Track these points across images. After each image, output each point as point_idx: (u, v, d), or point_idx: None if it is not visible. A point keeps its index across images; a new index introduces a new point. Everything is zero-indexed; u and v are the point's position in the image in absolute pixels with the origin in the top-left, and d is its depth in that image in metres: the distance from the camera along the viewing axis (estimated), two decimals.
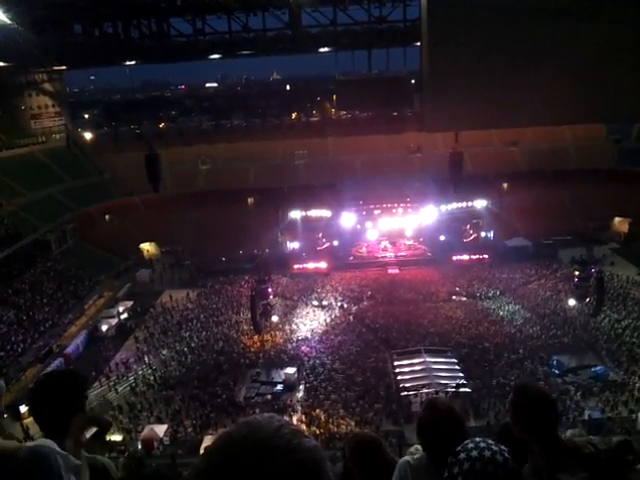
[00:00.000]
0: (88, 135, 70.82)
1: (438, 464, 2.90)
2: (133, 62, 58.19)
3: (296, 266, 51.16)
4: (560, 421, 2.84)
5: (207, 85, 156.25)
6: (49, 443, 2.02)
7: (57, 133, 65.44)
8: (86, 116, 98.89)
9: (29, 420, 24.32)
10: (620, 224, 55.20)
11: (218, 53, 55.96)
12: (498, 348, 35.22)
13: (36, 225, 49.48)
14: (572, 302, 39.92)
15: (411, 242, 55.01)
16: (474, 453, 1.83)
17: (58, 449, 1.99)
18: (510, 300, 43.59)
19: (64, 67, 61.32)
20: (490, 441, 1.89)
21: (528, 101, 3.79)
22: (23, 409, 25.94)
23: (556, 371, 32.21)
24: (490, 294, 44.93)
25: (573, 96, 3.78)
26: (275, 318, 40.90)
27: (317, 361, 35.24)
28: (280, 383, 32.81)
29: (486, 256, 51.30)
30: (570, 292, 40.98)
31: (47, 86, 64.23)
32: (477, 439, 1.91)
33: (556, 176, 57.83)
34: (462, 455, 1.85)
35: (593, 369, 31.93)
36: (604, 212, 54.60)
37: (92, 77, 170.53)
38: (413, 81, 69.51)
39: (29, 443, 2.04)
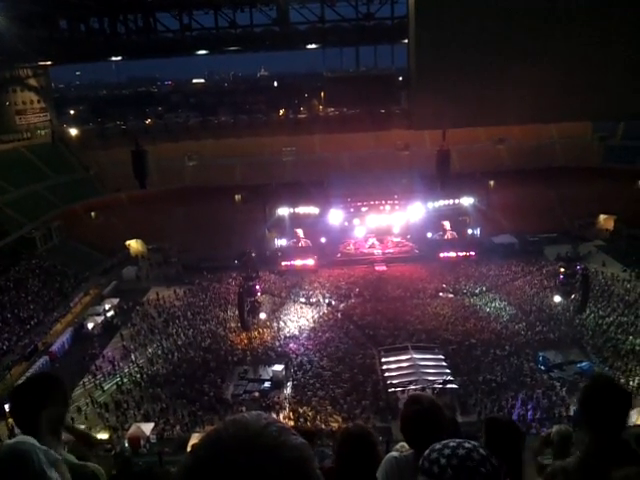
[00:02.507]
0: (74, 131, 70.24)
1: None
2: (119, 57, 57.91)
3: (284, 263, 51.14)
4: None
5: (194, 81, 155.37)
6: (29, 440, 2.01)
7: (42, 129, 64.88)
8: (72, 112, 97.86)
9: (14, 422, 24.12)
10: (605, 221, 55.70)
11: (205, 49, 55.81)
12: (484, 344, 35.46)
13: (21, 222, 49.06)
14: (558, 299, 40.31)
15: (398, 239, 55.15)
16: (446, 452, 1.69)
17: (38, 445, 1.98)
18: (496, 297, 43.87)
19: (49, 62, 60.76)
20: (459, 440, 1.75)
21: (514, 99, 3.81)
22: (8, 408, 25.74)
23: (542, 367, 32.48)
24: (477, 291, 45.19)
25: (559, 94, 3.81)
26: (263, 315, 40.90)
27: (305, 358, 35.27)
28: (268, 380, 32.79)
29: (473, 253, 51.59)
30: (556, 289, 41.41)
31: (32, 81, 63.61)
32: (445, 441, 1.77)
33: (542, 173, 58.26)
34: (434, 454, 1.71)
35: (578, 365, 32.22)
36: (590, 209, 55.03)
37: (78, 73, 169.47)
38: (401, 78, 69.78)
39: (9, 441, 2.02)
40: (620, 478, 2.40)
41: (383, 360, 33.35)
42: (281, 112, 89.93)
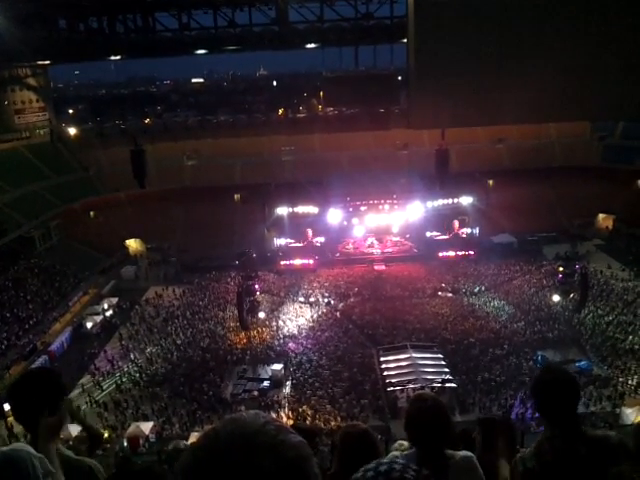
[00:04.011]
0: (72, 130, 70.11)
1: (426, 459, 2.92)
2: (118, 57, 57.81)
3: (283, 262, 51.12)
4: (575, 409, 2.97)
5: (193, 80, 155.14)
6: (25, 447, 2.00)
7: (41, 128, 64.78)
8: (70, 111, 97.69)
9: (13, 418, 24.11)
10: (604, 220, 55.74)
11: (204, 48, 55.70)
12: (483, 344, 35.46)
13: (20, 222, 48.97)
14: (556, 298, 40.32)
15: (397, 238, 55.15)
16: (370, 474, 1.73)
17: (34, 452, 1.98)
18: (495, 296, 43.88)
19: (48, 62, 60.70)
20: (374, 461, 1.80)
21: (513, 99, 3.81)
22: (7, 407, 25.72)
23: (541, 366, 32.49)
24: (475, 290, 45.19)
25: (557, 94, 3.82)
26: (262, 315, 40.89)
27: (304, 357, 35.29)
28: (267, 379, 32.81)
29: (472, 252, 51.59)
30: (554, 288, 41.42)
31: (31, 81, 63.52)
32: (362, 468, 1.82)
33: (541, 173, 58.29)
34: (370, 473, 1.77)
35: (577, 364, 32.20)
36: (588, 209, 55.09)
37: (77, 72, 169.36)
38: (400, 78, 69.68)
39: (4, 448, 2.02)
40: (614, 475, 2.43)
41: (382, 359, 33.37)
42: (280, 112, 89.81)
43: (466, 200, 53.04)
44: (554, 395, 2.90)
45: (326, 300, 44.29)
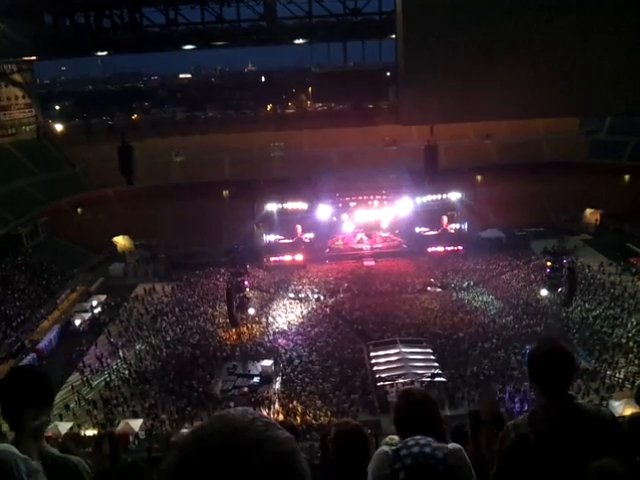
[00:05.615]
0: (59, 127, 69.64)
1: None
2: (105, 53, 57.30)
3: (272, 259, 51.10)
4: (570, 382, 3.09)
5: (181, 76, 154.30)
6: (9, 448, 1.99)
7: (27, 125, 64.18)
8: (57, 107, 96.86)
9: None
10: (591, 215, 56.19)
11: (192, 44, 55.32)
12: (472, 338, 35.65)
13: (7, 219, 48.58)
14: (544, 292, 40.63)
15: (387, 234, 55.24)
16: (415, 449, 1.98)
17: (19, 453, 1.97)
18: (484, 291, 44.13)
19: (34, 58, 60.07)
20: (430, 439, 2.05)
21: (502, 95, 3.83)
22: None
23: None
24: (464, 285, 45.41)
25: (545, 90, 3.83)
26: (252, 311, 40.84)
27: (294, 353, 35.31)
28: (257, 376, 32.79)
29: (460, 247, 51.81)
30: (542, 282, 41.72)
31: (17, 77, 62.90)
32: (418, 437, 2.07)
33: (529, 168, 58.55)
34: (403, 451, 2.01)
35: None
36: (576, 204, 55.47)
37: (63, 68, 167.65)
38: (388, 74, 69.74)
39: None
40: (596, 468, 2.44)
41: (372, 354, 33.46)
42: (269, 107, 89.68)
43: (455, 196, 53.19)
44: (550, 364, 2.95)
45: (316, 296, 44.33)
